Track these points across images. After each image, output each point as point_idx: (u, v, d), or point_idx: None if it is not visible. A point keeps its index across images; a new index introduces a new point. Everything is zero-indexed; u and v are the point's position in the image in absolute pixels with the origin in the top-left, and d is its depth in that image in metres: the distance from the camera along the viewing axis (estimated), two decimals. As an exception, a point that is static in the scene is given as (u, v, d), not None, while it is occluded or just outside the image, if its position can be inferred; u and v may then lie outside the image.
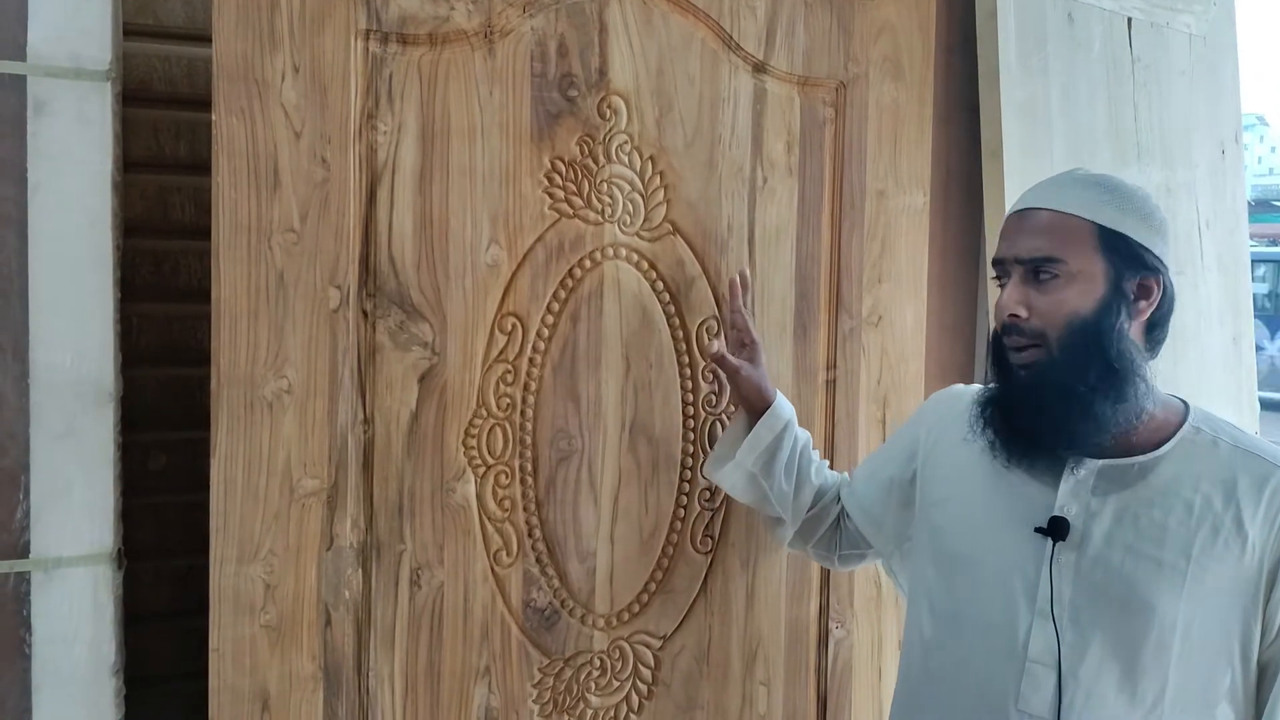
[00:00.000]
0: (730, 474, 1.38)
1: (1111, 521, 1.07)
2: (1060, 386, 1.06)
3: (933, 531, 1.22)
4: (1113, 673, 1.04)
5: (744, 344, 1.39)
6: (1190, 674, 1.03)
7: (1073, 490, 1.09)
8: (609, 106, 1.37)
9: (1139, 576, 1.04)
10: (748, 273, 1.43)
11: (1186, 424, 1.09)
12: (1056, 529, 1.08)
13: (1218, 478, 1.05)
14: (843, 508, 1.40)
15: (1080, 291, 1.06)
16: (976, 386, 1.21)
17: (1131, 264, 1.07)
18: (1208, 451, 1.07)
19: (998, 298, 1.12)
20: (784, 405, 1.38)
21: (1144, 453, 1.08)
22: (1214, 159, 2.20)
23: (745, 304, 1.41)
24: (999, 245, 1.14)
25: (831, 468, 1.49)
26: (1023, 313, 1.08)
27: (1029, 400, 1.09)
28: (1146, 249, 1.07)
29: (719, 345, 1.35)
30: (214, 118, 1.18)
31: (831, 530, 1.42)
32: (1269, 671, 1.04)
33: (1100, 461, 1.08)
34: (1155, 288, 1.08)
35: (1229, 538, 1.03)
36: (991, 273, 1.16)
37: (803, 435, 1.41)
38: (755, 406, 1.37)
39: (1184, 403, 1.12)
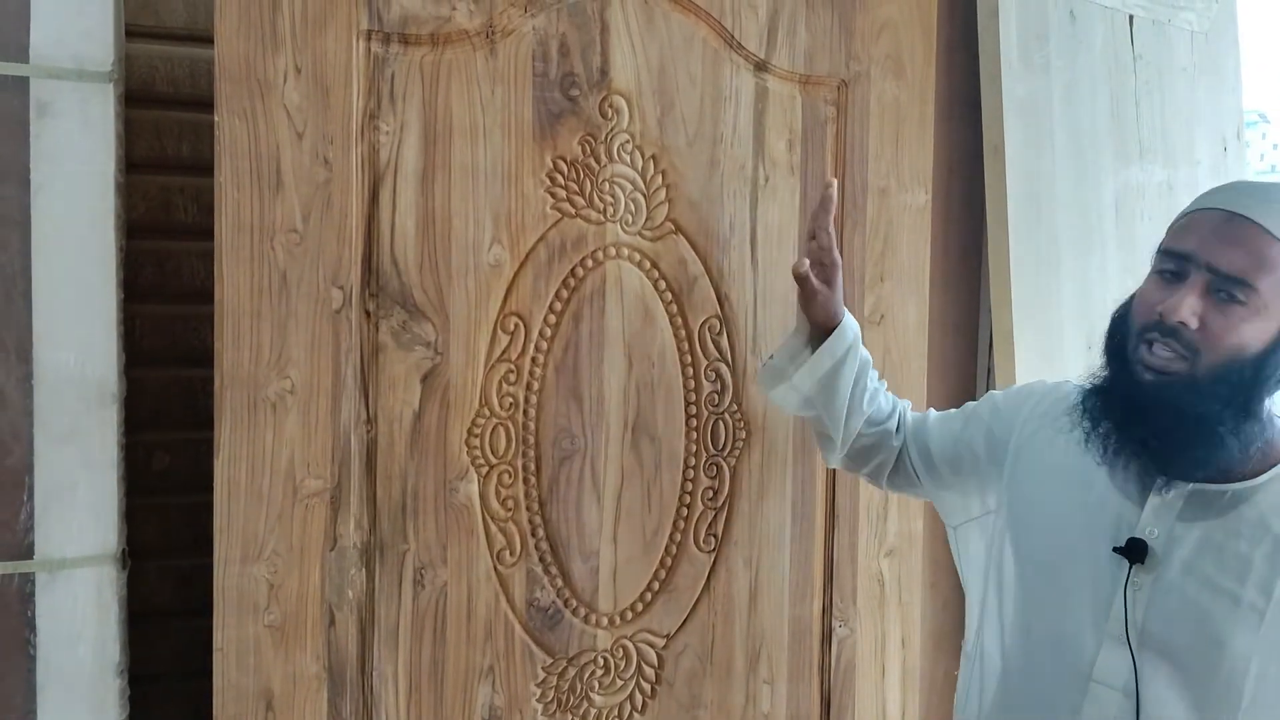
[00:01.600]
0: (784, 394, 1.34)
1: (1193, 550, 1.00)
2: (1189, 411, 0.98)
3: (1015, 529, 1.17)
4: (1181, 702, 1.00)
5: (823, 264, 1.27)
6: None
7: (1157, 512, 1.03)
8: (611, 106, 1.37)
9: (1214, 611, 0.98)
10: (834, 184, 1.27)
11: None
12: (1134, 551, 1.02)
13: None
14: (903, 441, 1.34)
15: (1257, 329, 0.96)
16: (1075, 383, 1.14)
17: None
18: None
19: (1151, 289, 1.02)
20: (848, 329, 1.29)
21: (1241, 479, 1.00)
22: (1216, 156, 2.20)
23: (828, 224, 1.27)
24: (1182, 237, 1.01)
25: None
26: (1195, 324, 0.98)
27: (1151, 410, 1.00)
28: None
29: (805, 265, 1.23)
30: (216, 119, 1.18)
31: (884, 460, 1.35)
32: None
33: (1190, 485, 1.02)
34: None
35: None
36: (1159, 263, 1.03)
37: (862, 358, 1.31)
38: (822, 326, 1.29)
39: None
